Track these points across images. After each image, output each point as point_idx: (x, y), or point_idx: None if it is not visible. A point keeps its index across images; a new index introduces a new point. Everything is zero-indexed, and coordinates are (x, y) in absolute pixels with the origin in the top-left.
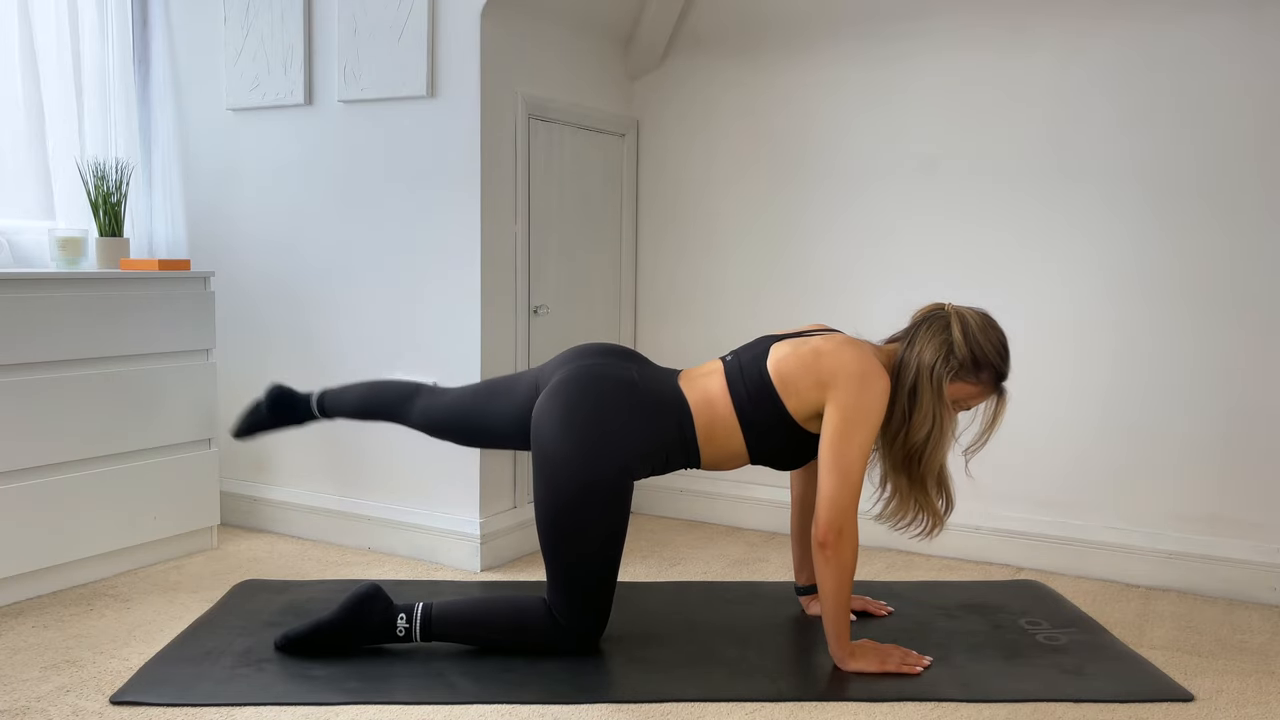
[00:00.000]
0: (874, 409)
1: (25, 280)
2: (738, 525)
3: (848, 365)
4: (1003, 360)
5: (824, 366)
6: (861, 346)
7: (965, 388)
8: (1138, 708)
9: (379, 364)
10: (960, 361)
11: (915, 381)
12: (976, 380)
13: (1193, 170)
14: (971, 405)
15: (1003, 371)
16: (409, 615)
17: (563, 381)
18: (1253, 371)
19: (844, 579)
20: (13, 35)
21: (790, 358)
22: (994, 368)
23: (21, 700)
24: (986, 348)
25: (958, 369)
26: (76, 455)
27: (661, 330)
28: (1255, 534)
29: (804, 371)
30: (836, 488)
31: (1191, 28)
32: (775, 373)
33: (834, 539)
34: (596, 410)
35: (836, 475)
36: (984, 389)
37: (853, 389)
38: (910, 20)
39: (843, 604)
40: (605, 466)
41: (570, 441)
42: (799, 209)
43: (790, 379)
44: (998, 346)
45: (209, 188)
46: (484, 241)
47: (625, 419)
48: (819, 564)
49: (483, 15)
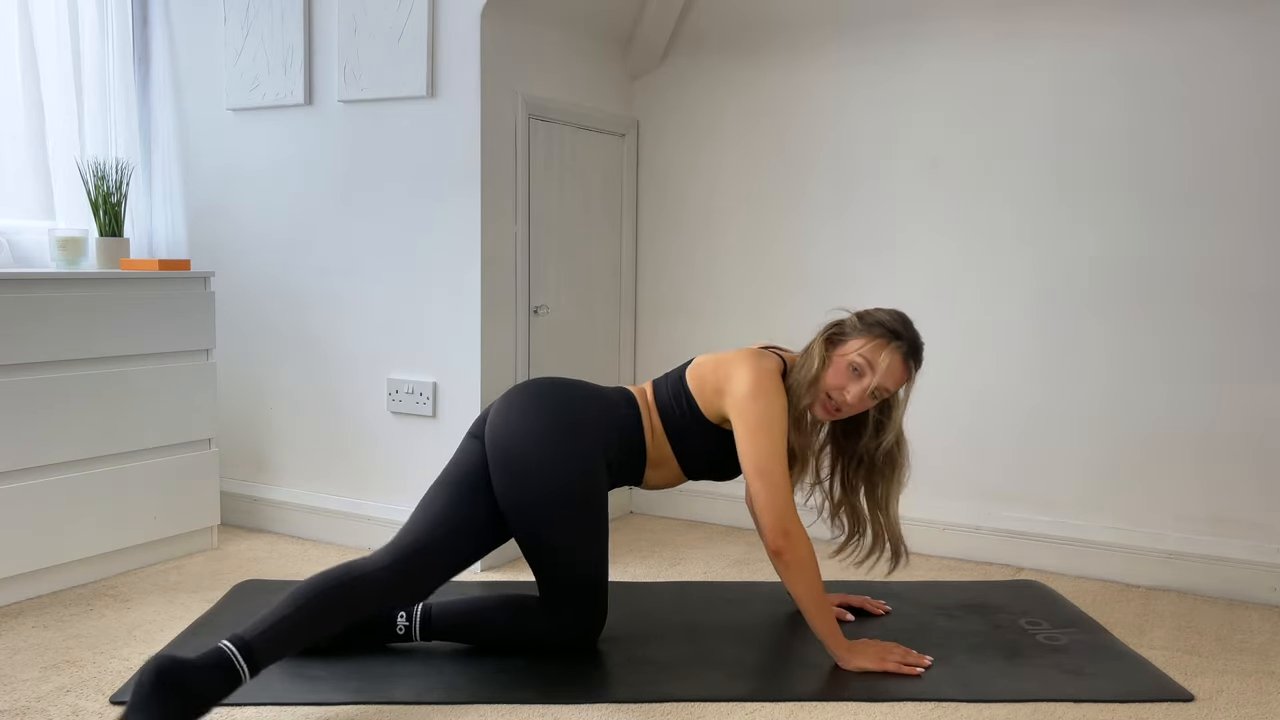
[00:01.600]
0: (770, 412)
1: (25, 280)
2: (738, 525)
3: (740, 372)
4: (895, 320)
5: (720, 374)
6: (761, 355)
7: (854, 343)
8: (1138, 708)
9: (379, 364)
10: (848, 326)
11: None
12: (865, 335)
13: (1192, 171)
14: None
15: (894, 329)
16: (409, 614)
17: (510, 394)
18: (1252, 371)
19: (810, 578)
20: (13, 35)
21: (701, 364)
22: (881, 324)
23: (21, 700)
24: (876, 314)
25: (845, 331)
26: (76, 455)
27: (661, 330)
28: (1255, 534)
29: (707, 378)
30: (766, 492)
31: (1191, 29)
32: (690, 376)
33: (784, 542)
34: (554, 406)
35: (760, 481)
36: (870, 339)
37: (745, 395)
38: (910, 21)
39: (821, 605)
40: (573, 457)
41: (537, 435)
42: (799, 209)
43: (698, 383)
44: (890, 312)
45: (209, 188)
46: (484, 241)
47: (583, 409)
48: (781, 572)
49: (483, 15)
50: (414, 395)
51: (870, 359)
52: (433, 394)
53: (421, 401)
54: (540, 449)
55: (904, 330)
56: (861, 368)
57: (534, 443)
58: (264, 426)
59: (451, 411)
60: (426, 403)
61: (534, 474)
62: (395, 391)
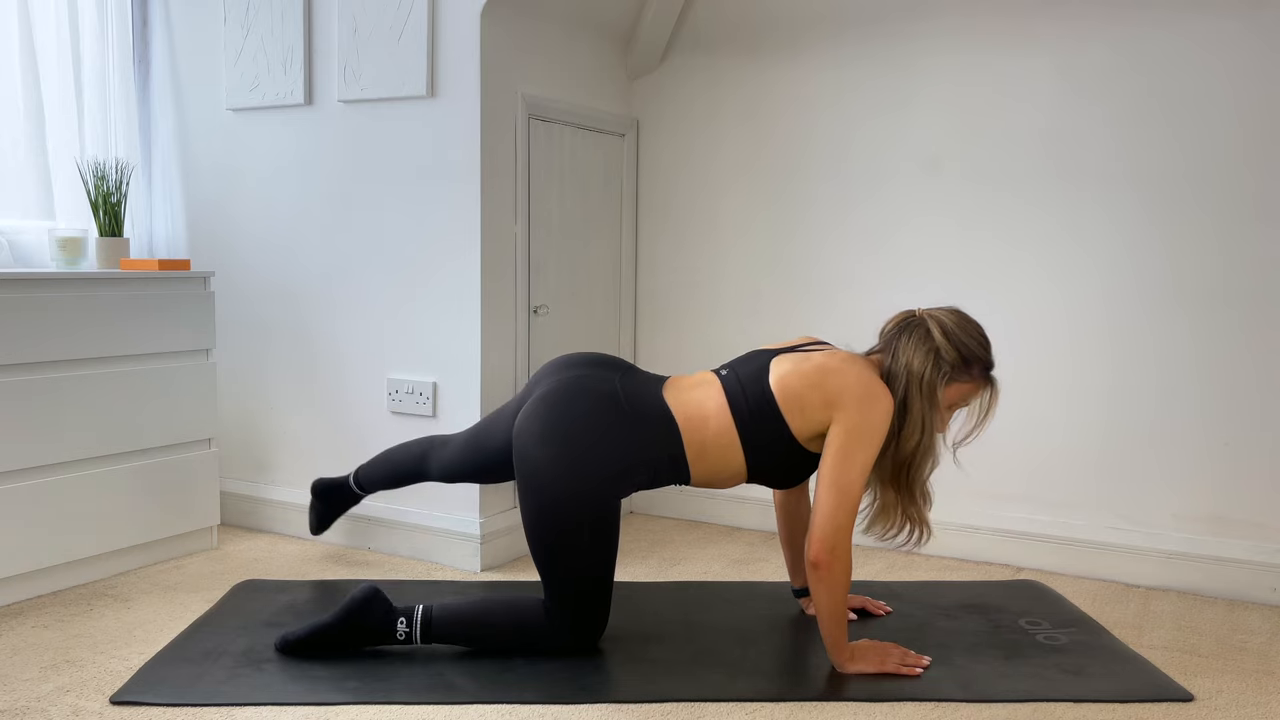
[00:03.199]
0: (878, 428)
1: (25, 280)
2: (738, 525)
3: (854, 385)
4: (986, 351)
5: (830, 385)
6: (865, 364)
7: (959, 388)
8: (1138, 708)
9: (379, 364)
10: (951, 364)
11: (906, 393)
12: (969, 377)
13: (1192, 172)
14: (968, 403)
15: (989, 362)
16: (409, 619)
17: (543, 397)
18: (1252, 371)
19: (838, 596)
20: (13, 35)
21: (793, 375)
22: (980, 361)
23: (21, 700)
24: (970, 344)
25: (950, 371)
26: (76, 455)
27: (661, 331)
28: (1255, 534)
29: (809, 389)
30: (834, 507)
31: (1191, 30)
32: (779, 390)
33: (827, 558)
34: (578, 428)
35: (836, 494)
36: (976, 384)
37: (859, 408)
38: (910, 21)
39: (838, 619)
40: (589, 484)
41: (551, 459)
42: (799, 209)
43: (794, 397)
44: (979, 339)
45: (209, 188)
46: (484, 241)
47: (608, 436)
48: (812, 582)
49: (483, 15)
50: (414, 395)
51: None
52: (433, 394)
53: (421, 401)
54: (551, 469)
55: (993, 359)
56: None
57: (545, 462)
58: (264, 426)
59: (451, 411)
60: (426, 403)
61: (543, 490)
62: (395, 391)
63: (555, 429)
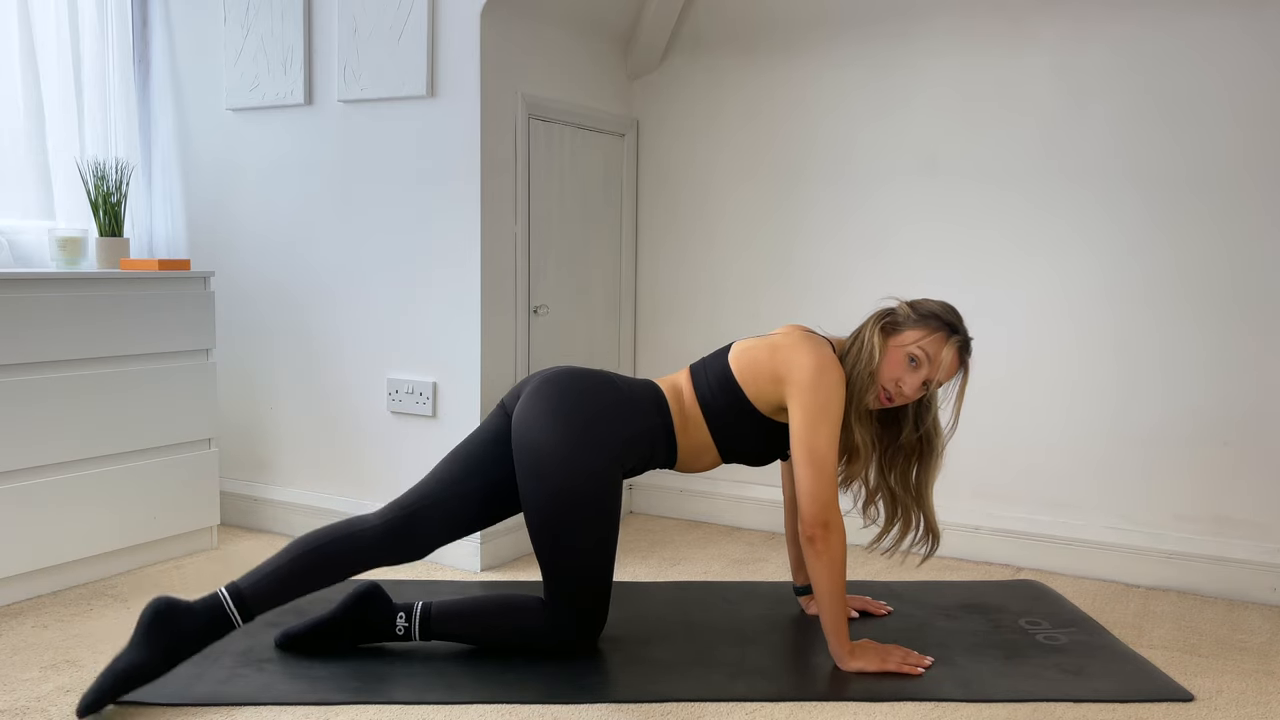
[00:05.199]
0: (832, 395)
1: (25, 280)
2: (738, 525)
3: (801, 356)
4: (949, 313)
5: (779, 360)
6: (818, 341)
7: (914, 333)
8: (1138, 708)
9: (379, 363)
10: (904, 316)
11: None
12: (925, 328)
13: (1193, 172)
14: (924, 351)
15: (949, 321)
16: (408, 614)
17: (541, 384)
18: (1252, 372)
19: (837, 572)
20: (13, 35)
21: (749, 350)
22: (938, 316)
23: (21, 700)
24: (929, 303)
25: (903, 322)
26: (76, 455)
27: (661, 330)
28: (1255, 534)
29: (761, 365)
30: (813, 481)
31: (1192, 30)
32: (735, 365)
33: (821, 532)
34: (580, 403)
35: (811, 469)
36: (929, 332)
37: (811, 380)
38: (910, 22)
39: (839, 600)
40: (595, 456)
41: (558, 435)
42: (799, 209)
43: (748, 367)
44: (943, 304)
45: (209, 188)
46: (484, 241)
47: (610, 408)
48: (810, 559)
49: (483, 15)
50: (414, 395)
51: (929, 351)
52: (432, 394)
53: (421, 401)
54: (557, 448)
55: (959, 324)
56: (920, 359)
57: (552, 439)
58: (264, 426)
59: (451, 411)
60: (426, 402)
61: (548, 470)
62: (395, 391)
63: (558, 410)
